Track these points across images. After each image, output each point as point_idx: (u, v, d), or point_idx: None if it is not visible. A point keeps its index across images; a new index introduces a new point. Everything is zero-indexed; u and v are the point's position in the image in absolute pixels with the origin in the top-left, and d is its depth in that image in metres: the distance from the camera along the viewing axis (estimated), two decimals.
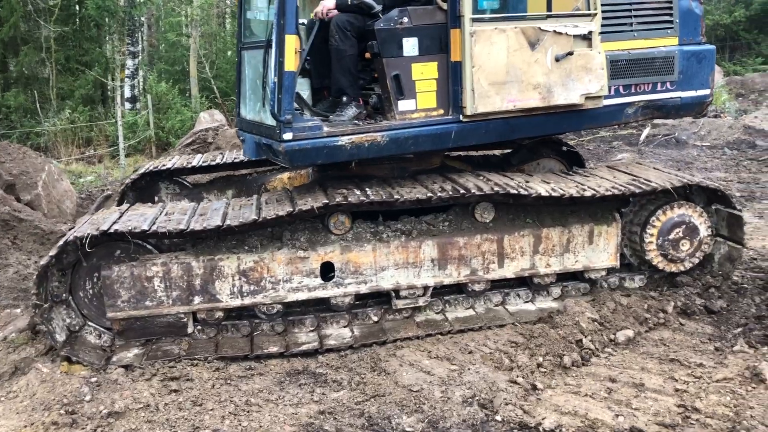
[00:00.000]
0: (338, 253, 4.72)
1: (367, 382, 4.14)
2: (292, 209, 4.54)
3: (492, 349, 4.45)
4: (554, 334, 4.51)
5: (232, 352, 4.53)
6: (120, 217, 4.68)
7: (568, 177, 5.33)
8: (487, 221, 4.96)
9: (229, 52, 23.30)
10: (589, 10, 4.99)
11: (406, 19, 4.75)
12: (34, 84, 18.27)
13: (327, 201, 4.57)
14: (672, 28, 5.52)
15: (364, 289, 4.80)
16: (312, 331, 4.79)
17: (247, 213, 4.65)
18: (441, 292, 5.05)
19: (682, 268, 5.21)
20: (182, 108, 18.50)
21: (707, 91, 5.67)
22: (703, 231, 5.16)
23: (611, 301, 4.89)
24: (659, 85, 5.52)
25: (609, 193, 4.90)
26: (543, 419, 3.64)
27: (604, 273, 5.21)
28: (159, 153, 15.85)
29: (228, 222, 4.50)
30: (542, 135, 5.79)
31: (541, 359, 4.29)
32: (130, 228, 4.38)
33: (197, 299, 4.58)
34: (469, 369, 4.16)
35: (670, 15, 5.51)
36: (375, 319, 4.88)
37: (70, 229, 4.71)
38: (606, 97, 5.18)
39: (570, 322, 4.60)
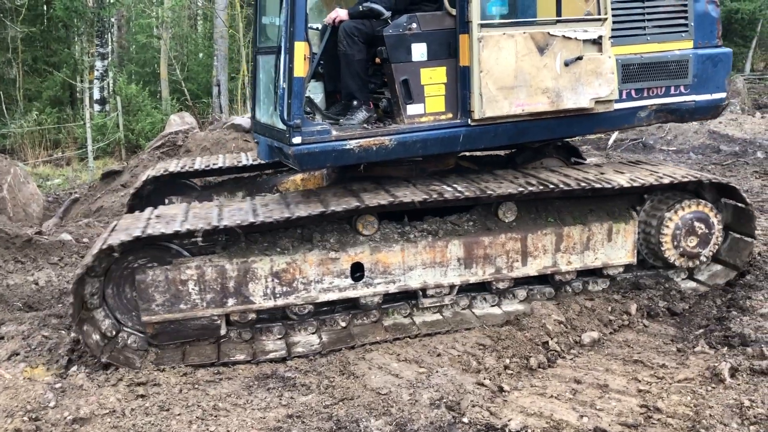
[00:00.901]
0: (368, 254, 4.79)
1: (335, 385, 4.15)
2: (359, 204, 4.64)
3: (460, 352, 4.50)
4: (521, 336, 4.56)
5: (198, 359, 4.51)
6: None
7: (622, 168, 5.50)
8: (510, 220, 5.07)
9: (201, 54, 23.16)
10: (599, 14, 5.04)
11: (414, 25, 4.83)
12: (0, 85, 17.96)
13: (392, 199, 4.67)
14: (687, 31, 5.53)
15: (392, 288, 4.88)
16: (280, 338, 4.79)
17: (310, 207, 4.68)
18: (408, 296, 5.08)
19: (696, 263, 5.35)
20: (152, 110, 18.34)
21: (723, 95, 5.69)
22: (716, 226, 5.28)
23: (576, 303, 4.97)
24: (673, 88, 5.55)
25: (686, 180, 5.15)
26: (509, 421, 3.68)
27: (621, 269, 5.33)
28: (128, 156, 15.68)
29: (299, 213, 4.55)
30: (552, 138, 5.89)
31: (508, 361, 4.34)
32: (196, 227, 4.43)
33: (231, 301, 4.61)
34: (437, 371, 4.20)
35: (685, 18, 5.52)
36: (343, 324, 4.90)
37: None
38: (617, 101, 5.22)
39: (536, 324, 4.67)
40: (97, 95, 18.96)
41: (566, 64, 4.93)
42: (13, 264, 6.58)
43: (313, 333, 4.84)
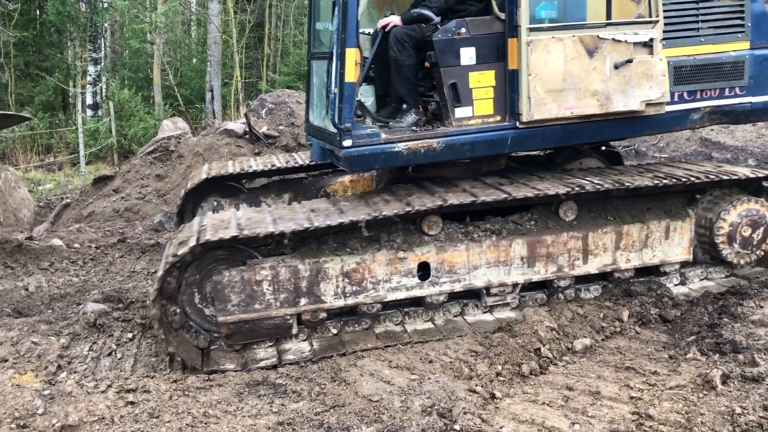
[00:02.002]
0: (434, 253, 4.85)
1: (327, 392, 4.13)
2: (475, 199, 4.74)
3: (452, 359, 4.48)
4: (513, 343, 4.55)
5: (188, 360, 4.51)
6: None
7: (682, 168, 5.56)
8: (571, 219, 5.14)
9: (194, 60, 23.14)
10: (651, 17, 5.06)
11: (463, 30, 4.94)
12: None
13: (506, 195, 4.79)
14: (743, 32, 5.50)
15: (458, 287, 4.95)
16: (271, 346, 4.76)
17: (425, 200, 4.78)
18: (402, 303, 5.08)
19: (749, 260, 5.42)
20: (145, 115, 18.31)
21: None
22: None
23: (568, 310, 4.97)
24: (727, 90, 5.52)
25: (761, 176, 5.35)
26: (501, 428, 3.67)
27: (677, 266, 5.39)
28: (121, 161, 15.63)
29: (413, 208, 4.66)
30: (602, 141, 5.97)
31: (500, 368, 4.32)
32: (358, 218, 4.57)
33: (303, 301, 4.68)
34: (429, 378, 4.18)
35: (742, 18, 5.49)
36: (334, 331, 4.88)
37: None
38: (668, 103, 5.24)
39: (529, 331, 4.65)
40: (89, 100, 18.91)
41: (616, 67, 4.98)
42: (2, 269, 6.54)
43: (304, 340, 4.81)
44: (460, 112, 4.98)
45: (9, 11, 17.42)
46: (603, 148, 6.78)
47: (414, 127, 5.01)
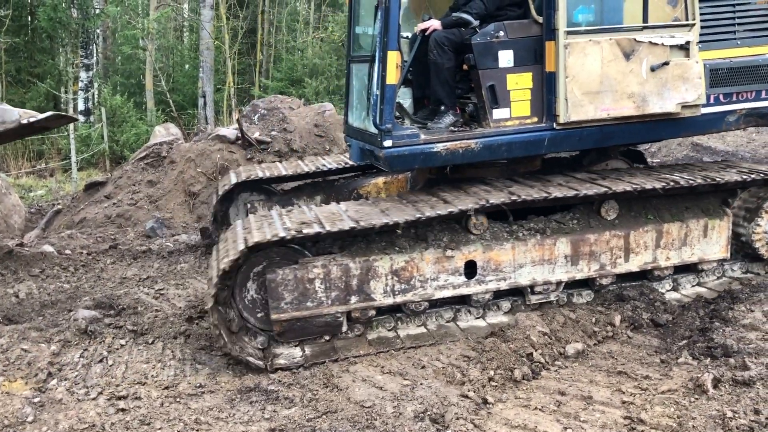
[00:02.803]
0: (480, 252, 4.93)
1: (319, 398, 4.11)
2: (548, 194, 4.88)
3: (444, 364, 4.48)
4: (505, 348, 4.55)
5: None
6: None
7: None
8: (613, 218, 5.23)
9: (187, 66, 23.11)
10: (687, 20, 5.14)
11: (502, 33, 5.07)
12: None
13: (606, 189, 4.93)
14: None
15: (503, 285, 5.02)
16: (259, 349, 4.74)
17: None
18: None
19: None
20: (137, 121, 18.26)
21: None
22: None
23: (560, 315, 4.97)
24: (764, 92, 5.58)
25: None
26: None
27: (714, 264, 5.49)
28: (113, 167, 15.58)
29: (493, 200, 4.81)
30: (637, 142, 6.06)
31: (492, 373, 4.32)
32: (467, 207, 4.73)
33: (354, 298, 4.75)
34: (421, 384, 4.17)
35: None
36: (326, 337, 4.87)
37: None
38: (704, 106, 5.31)
39: (521, 336, 4.65)
40: (81, 106, 18.86)
41: (652, 70, 5.07)
42: None
43: (296, 345, 4.80)
44: (498, 113, 5.10)
45: (0, 17, 17.37)
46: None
47: (452, 128, 5.14)
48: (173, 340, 4.98)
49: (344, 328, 4.82)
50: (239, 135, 10.24)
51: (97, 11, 18.36)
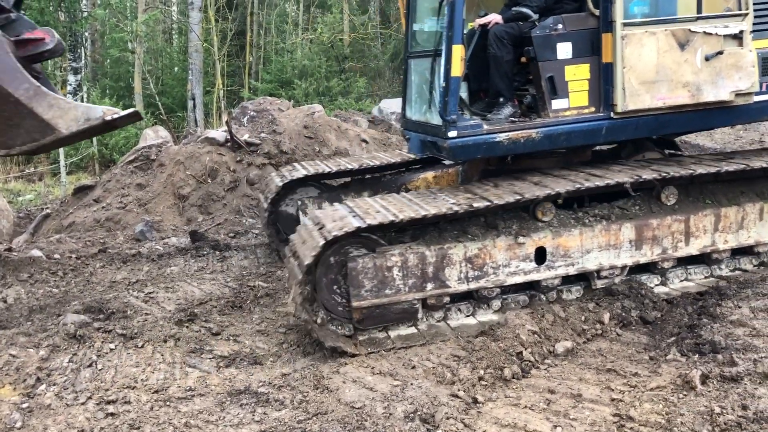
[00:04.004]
0: (550, 238, 5.10)
1: (309, 400, 4.11)
2: (638, 177, 5.06)
3: (435, 364, 4.48)
4: (495, 347, 4.56)
5: None
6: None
7: None
8: (672, 203, 5.40)
9: (176, 68, 23.02)
10: (740, 10, 5.28)
11: (560, 26, 5.28)
12: None
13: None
14: None
15: (572, 270, 5.18)
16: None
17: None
18: None
19: None
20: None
21: None
22: None
23: (550, 313, 4.99)
24: None
25: None
26: None
27: None
28: (102, 170, 15.51)
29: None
30: (691, 130, 6.25)
31: (482, 372, 4.33)
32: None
33: (429, 285, 4.88)
34: (411, 384, 4.18)
35: None
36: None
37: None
38: (757, 94, 5.45)
39: (510, 334, 4.67)
40: None
41: (707, 59, 5.24)
42: None
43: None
44: (557, 103, 5.28)
45: None
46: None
47: (511, 119, 5.32)
48: (163, 344, 4.96)
49: (420, 315, 4.94)
50: (228, 137, 10.22)
51: (85, 14, 18.25)
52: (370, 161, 7.23)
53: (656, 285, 5.49)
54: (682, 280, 5.56)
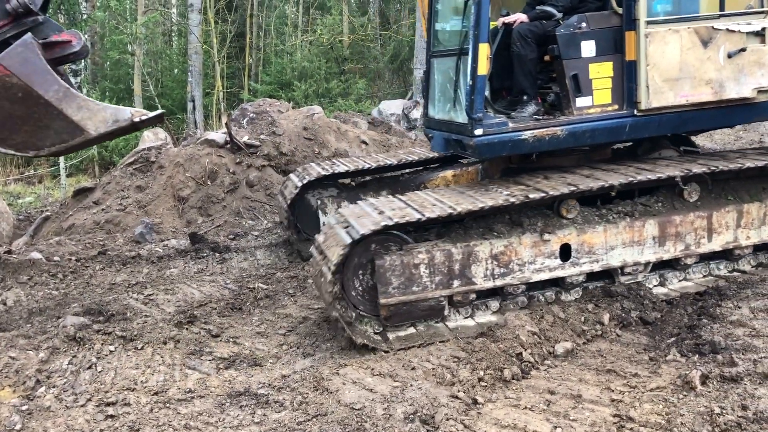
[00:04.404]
0: (575, 235, 5.14)
1: (309, 401, 4.11)
2: (682, 172, 5.16)
3: (434, 365, 4.48)
4: (495, 348, 4.56)
5: None
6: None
7: None
8: (695, 200, 5.44)
9: (176, 70, 23.03)
10: (762, 7, 5.35)
11: (584, 24, 5.35)
12: None
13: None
14: None
15: (596, 267, 5.22)
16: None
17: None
18: None
19: None
20: None
21: None
22: None
23: (550, 314, 4.98)
24: None
25: None
26: None
27: None
28: (102, 173, 15.51)
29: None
30: (713, 127, 6.33)
31: (482, 373, 4.33)
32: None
33: (456, 283, 4.92)
34: (411, 385, 4.18)
35: None
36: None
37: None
38: None
39: (510, 335, 4.66)
40: None
41: (729, 56, 5.31)
42: None
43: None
44: (581, 101, 5.35)
45: None
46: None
47: (536, 117, 5.38)
48: (163, 346, 4.96)
49: (446, 312, 4.97)
50: (228, 139, 10.22)
51: (85, 16, 18.28)
52: (389, 160, 7.28)
53: (655, 286, 5.49)
54: (704, 276, 5.63)
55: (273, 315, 5.70)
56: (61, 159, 14.29)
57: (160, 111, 5.85)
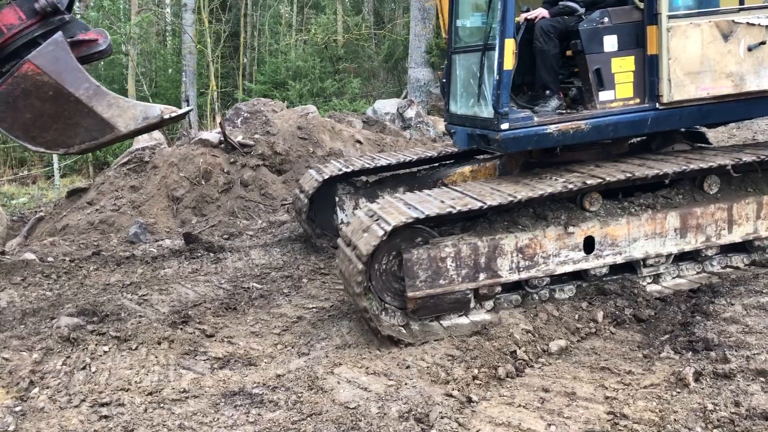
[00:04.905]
0: (598, 228, 5.23)
1: (304, 401, 4.11)
2: (705, 165, 5.22)
3: (429, 363, 4.48)
4: (489, 346, 4.57)
5: None
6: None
7: None
8: (715, 192, 5.53)
9: (170, 70, 22.98)
10: None
11: (606, 19, 5.44)
12: None
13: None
14: None
15: (619, 259, 5.31)
16: None
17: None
18: None
19: None
20: None
21: None
22: None
23: (544, 312, 4.99)
24: None
25: None
26: (478, 431, 3.68)
27: None
28: (96, 173, 15.47)
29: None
30: (732, 120, 6.41)
31: (476, 371, 4.33)
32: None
33: (482, 276, 5.00)
34: (406, 384, 4.18)
35: None
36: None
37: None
38: None
39: (504, 333, 4.67)
40: None
41: (749, 49, 5.41)
42: None
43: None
44: (604, 95, 5.45)
45: None
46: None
47: (559, 111, 5.49)
48: (157, 346, 4.95)
49: (472, 305, 5.04)
50: (222, 139, 10.21)
51: (78, 16, 18.24)
52: (408, 156, 7.34)
53: (648, 283, 5.51)
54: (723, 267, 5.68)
55: (267, 315, 5.69)
56: (55, 159, 14.26)
57: (188, 108, 5.90)
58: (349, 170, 7.12)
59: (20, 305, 6.03)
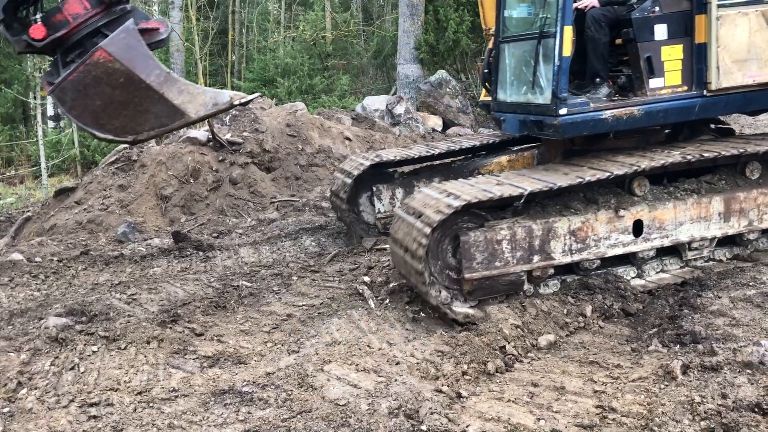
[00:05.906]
0: (647, 212, 5.41)
1: (293, 398, 4.11)
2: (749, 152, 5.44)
3: (419, 360, 4.49)
4: (478, 341, 4.58)
5: None
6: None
7: None
8: (756, 177, 5.74)
9: None
10: None
11: (657, 8, 5.61)
12: None
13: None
14: None
15: (666, 242, 5.51)
16: None
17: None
18: None
19: None
20: None
21: None
22: None
23: (533, 306, 5.01)
24: None
25: None
26: (467, 426, 3.70)
27: None
28: (84, 172, 15.39)
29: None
30: None
31: (465, 367, 4.35)
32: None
33: (536, 258, 5.15)
34: (395, 380, 4.19)
35: None
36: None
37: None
38: None
39: (493, 329, 4.69)
40: (50, 111, 18.60)
41: None
42: None
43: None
44: (654, 83, 5.62)
45: None
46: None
47: (610, 98, 5.67)
48: (146, 345, 4.93)
49: (526, 287, 5.18)
50: (210, 137, 10.18)
51: None
52: (453, 146, 7.38)
53: (633, 278, 5.55)
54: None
55: (257, 313, 5.68)
56: (43, 159, 14.19)
57: (257, 94, 5.93)
58: (407, 157, 7.17)
59: (8, 306, 5.99)
